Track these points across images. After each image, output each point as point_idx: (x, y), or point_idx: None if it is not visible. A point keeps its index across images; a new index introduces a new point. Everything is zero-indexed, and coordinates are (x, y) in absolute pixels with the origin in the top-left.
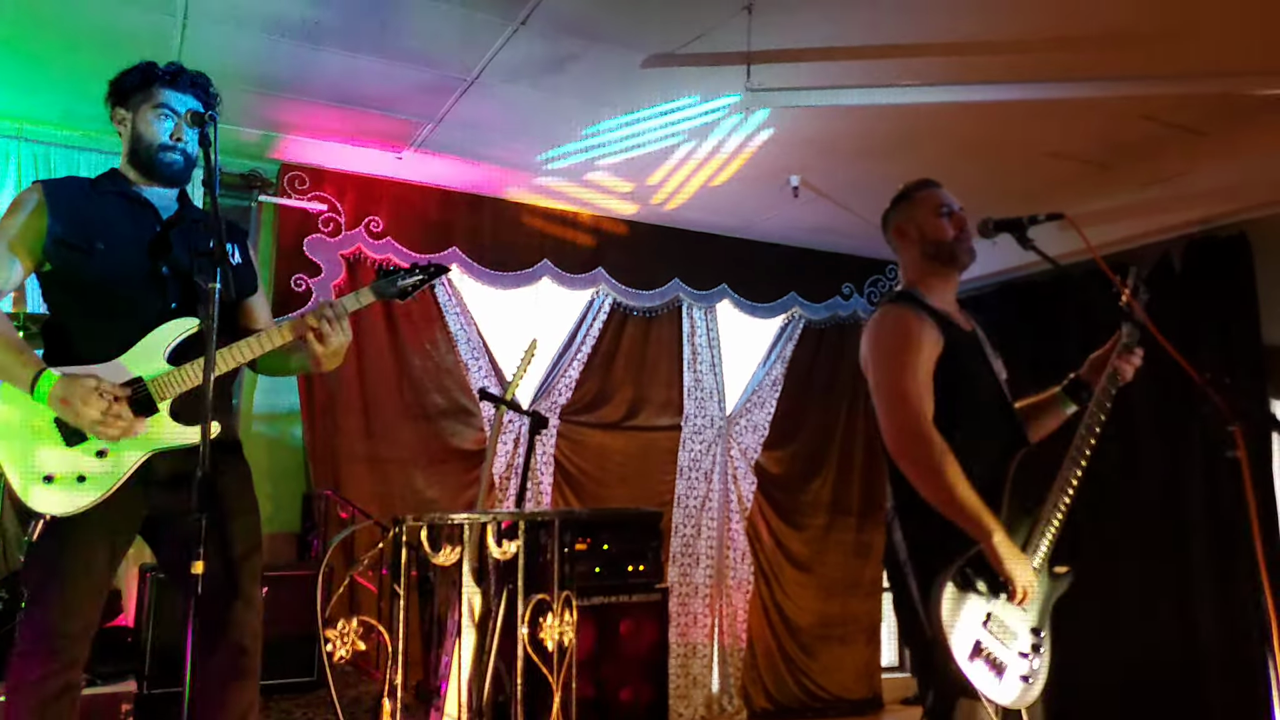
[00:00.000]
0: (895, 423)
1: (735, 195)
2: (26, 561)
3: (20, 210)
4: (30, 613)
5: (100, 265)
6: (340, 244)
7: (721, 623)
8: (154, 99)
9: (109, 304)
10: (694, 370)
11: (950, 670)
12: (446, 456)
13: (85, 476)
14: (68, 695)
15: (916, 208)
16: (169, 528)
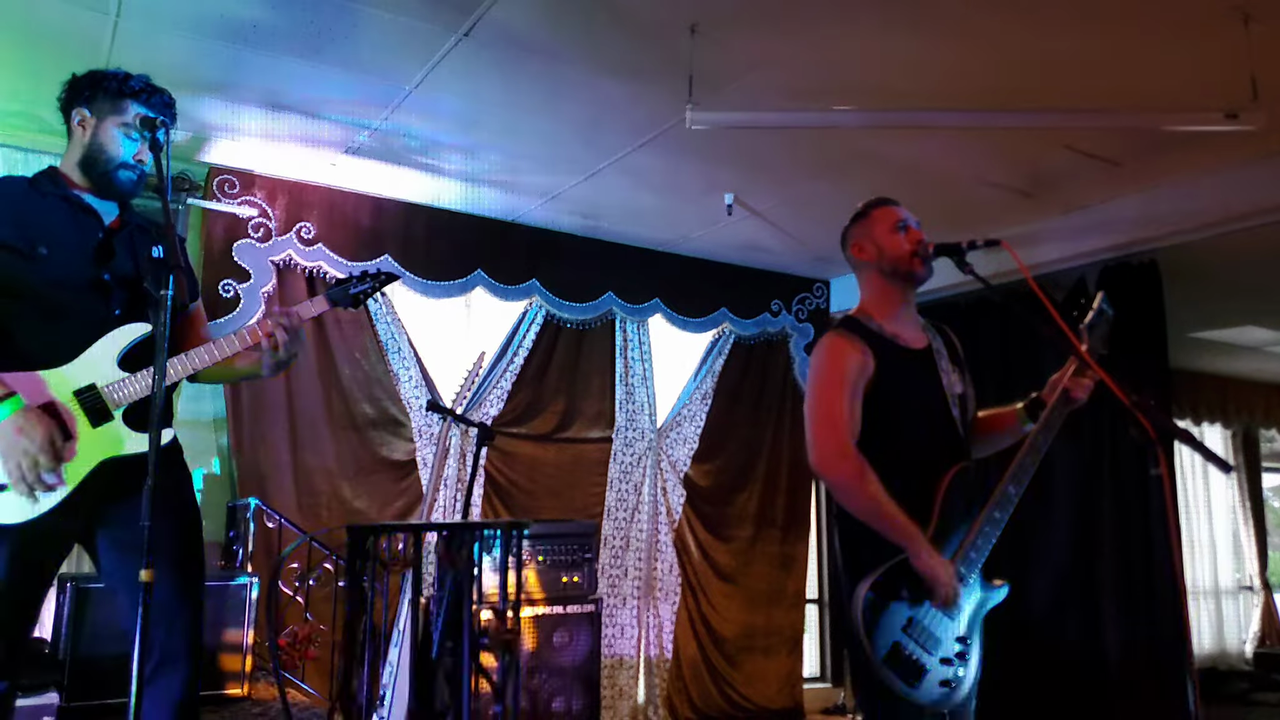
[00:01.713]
0: (816, 440)
1: (670, 211)
2: None
3: None
4: None
5: (43, 270)
6: (270, 249)
7: (648, 634)
8: (123, 113)
9: (52, 309)
10: (626, 383)
11: (870, 670)
12: (375, 467)
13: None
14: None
15: (874, 224)
16: (111, 535)
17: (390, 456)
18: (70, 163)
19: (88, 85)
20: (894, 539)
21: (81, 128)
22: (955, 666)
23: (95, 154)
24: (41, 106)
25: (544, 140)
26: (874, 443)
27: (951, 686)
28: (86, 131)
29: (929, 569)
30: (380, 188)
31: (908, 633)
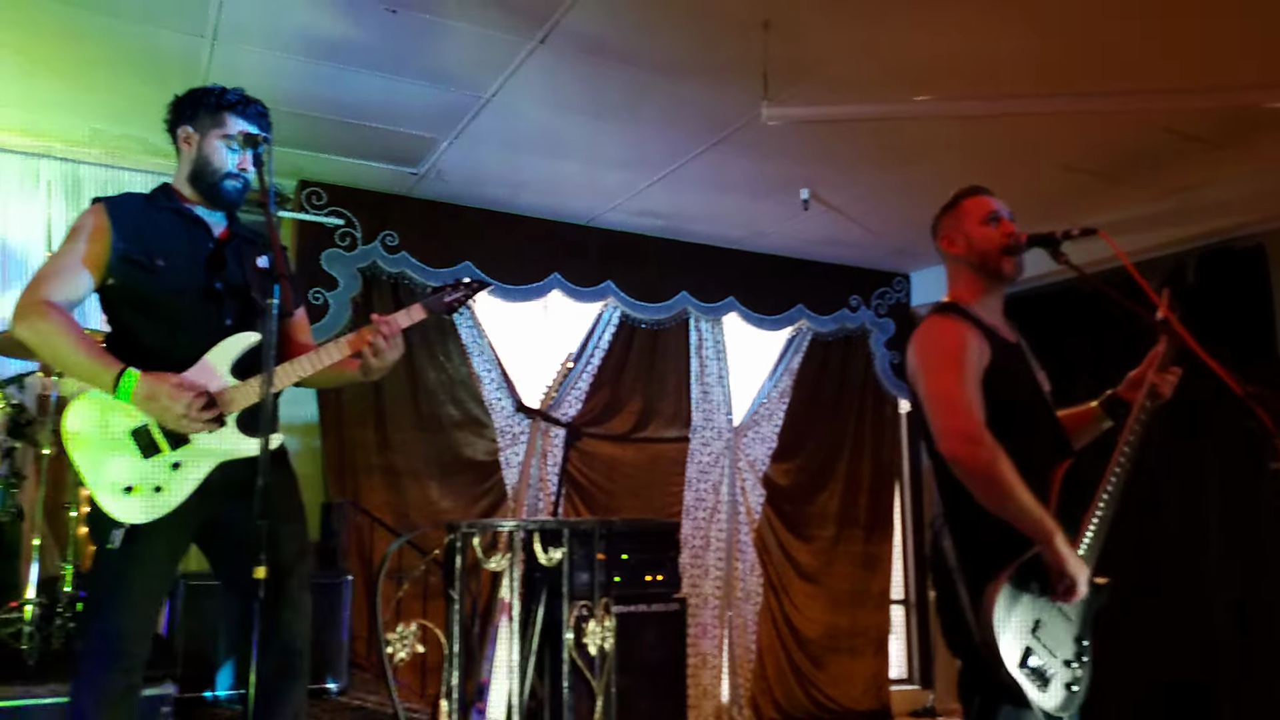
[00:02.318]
0: (950, 428)
1: (744, 208)
2: (97, 567)
3: (85, 228)
4: (99, 616)
5: (161, 281)
6: (357, 258)
7: (731, 634)
8: (224, 126)
9: (169, 318)
10: (702, 382)
11: (999, 676)
12: (460, 467)
13: (161, 486)
14: (130, 695)
15: (964, 215)
16: (226, 534)
17: (474, 457)
18: (181, 178)
19: (189, 103)
20: (1027, 529)
21: (187, 144)
22: (1076, 669)
23: (202, 167)
24: (145, 128)
25: (618, 143)
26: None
27: (1073, 690)
28: (192, 147)
29: (1065, 563)
30: (460, 196)
31: (1036, 635)
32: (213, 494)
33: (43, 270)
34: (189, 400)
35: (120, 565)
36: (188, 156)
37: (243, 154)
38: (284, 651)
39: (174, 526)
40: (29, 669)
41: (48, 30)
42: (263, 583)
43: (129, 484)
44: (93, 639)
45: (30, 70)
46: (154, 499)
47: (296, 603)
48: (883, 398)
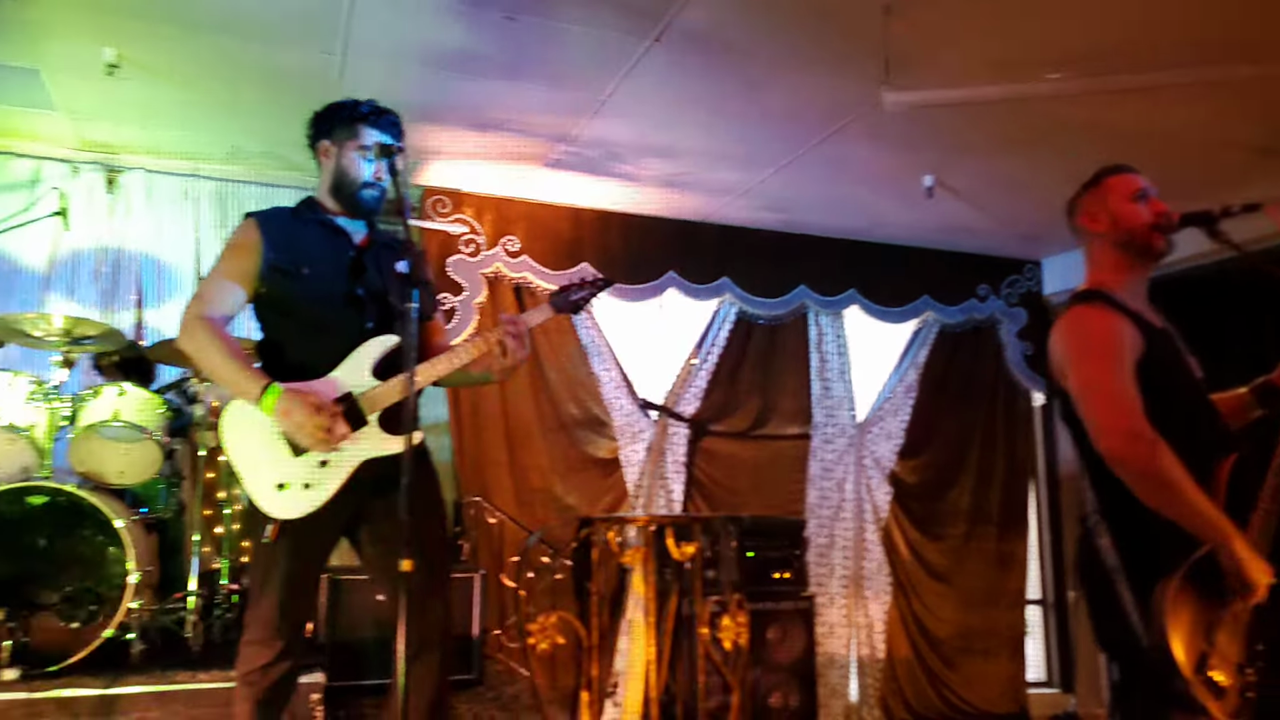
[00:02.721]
0: (1110, 425)
1: (864, 198)
2: (255, 560)
3: (238, 243)
4: (256, 607)
5: (306, 288)
6: (480, 264)
7: (859, 633)
8: (359, 138)
9: (315, 324)
10: (822, 378)
11: (1172, 684)
12: (583, 465)
13: (310, 483)
14: (287, 681)
15: (1109, 192)
16: (372, 529)
17: (596, 455)
18: (323, 190)
19: (326, 118)
20: (1199, 530)
21: (326, 157)
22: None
23: (340, 178)
24: (282, 144)
25: (734, 137)
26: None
27: (1247, 697)
28: (331, 159)
29: (1246, 566)
30: (577, 197)
31: (1210, 639)
32: (359, 490)
33: (202, 286)
34: (319, 422)
35: (274, 558)
36: (327, 169)
37: (378, 164)
38: (429, 642)
39: (323, 521)
40: (194, 656)
41: (194, 55)
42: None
43: (280, 481)
44: (251, 628)
45: (179, 94)
46: (303, 495)
47: (440, 595)
48: (1015, 390)
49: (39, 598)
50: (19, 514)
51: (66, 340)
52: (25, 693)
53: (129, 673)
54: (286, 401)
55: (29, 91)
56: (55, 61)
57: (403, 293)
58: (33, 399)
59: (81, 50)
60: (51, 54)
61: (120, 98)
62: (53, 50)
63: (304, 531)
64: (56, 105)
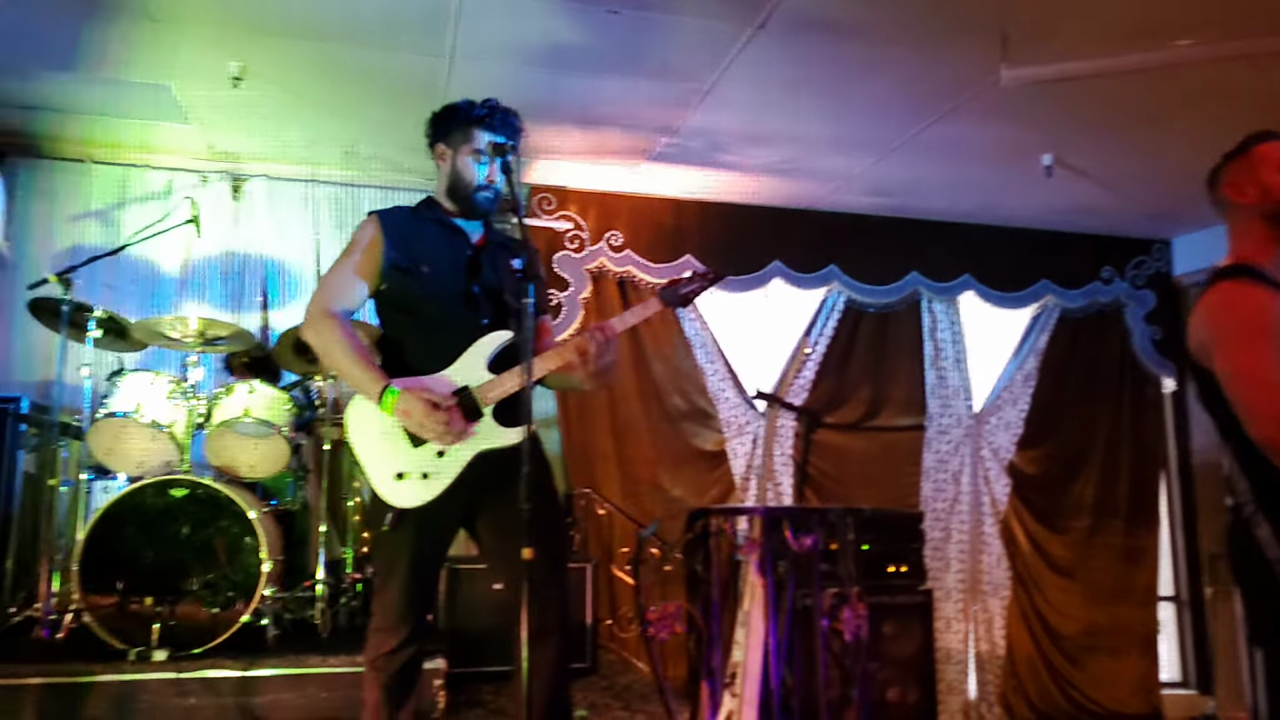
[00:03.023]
0: (1265, 411)
1: (978, 180)
2: (377, 549)
3: (361, 239)
4: (382, 594)
5: (425, 286)
6: (585, 259)
7: (977, 628)
8: (472, 141)
9: (433, 320)
10: (937, 367)
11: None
12: (689, 457)
13: (429, 474)
14: (413, 666)
15: (1259, 162)
16: (490, 519)
17: (702, 447)
18: (440, 190)
19: (442, 121)
20: None
21: (442, 159)
22: None
23: (455, 181)
24: (392, 147)
25: (840, 122)
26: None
27: None
28: (447, 162)
29: None
30: (680, 189)
31: None
32: (475, 481)
33: (325, 281)
34: (439, 418)
35: (396, 546)
36: (444, 172)
37: (491, 166)
38: (549, 629)
39: (442, 510)
40: (323, 641)
41: (310, 64)
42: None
43: (400, 471)
44: (377, 614)
45: (296, 102)
46: (422, 485)
47: (559, 583)
48: (1143, 377)
49: (182, 584)
50: (163, 505)
51: (201, 341)
52: (174, 673)
53: (265, 656)
54: (405, 401)
55: (162, 107)
56: (185, 76)
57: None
58: (172, 397)
59: (208, 64)
60: (181, 70)
61: (244, 108)
62: (182, 66)
63: (424, 520)
64: (188, 118)
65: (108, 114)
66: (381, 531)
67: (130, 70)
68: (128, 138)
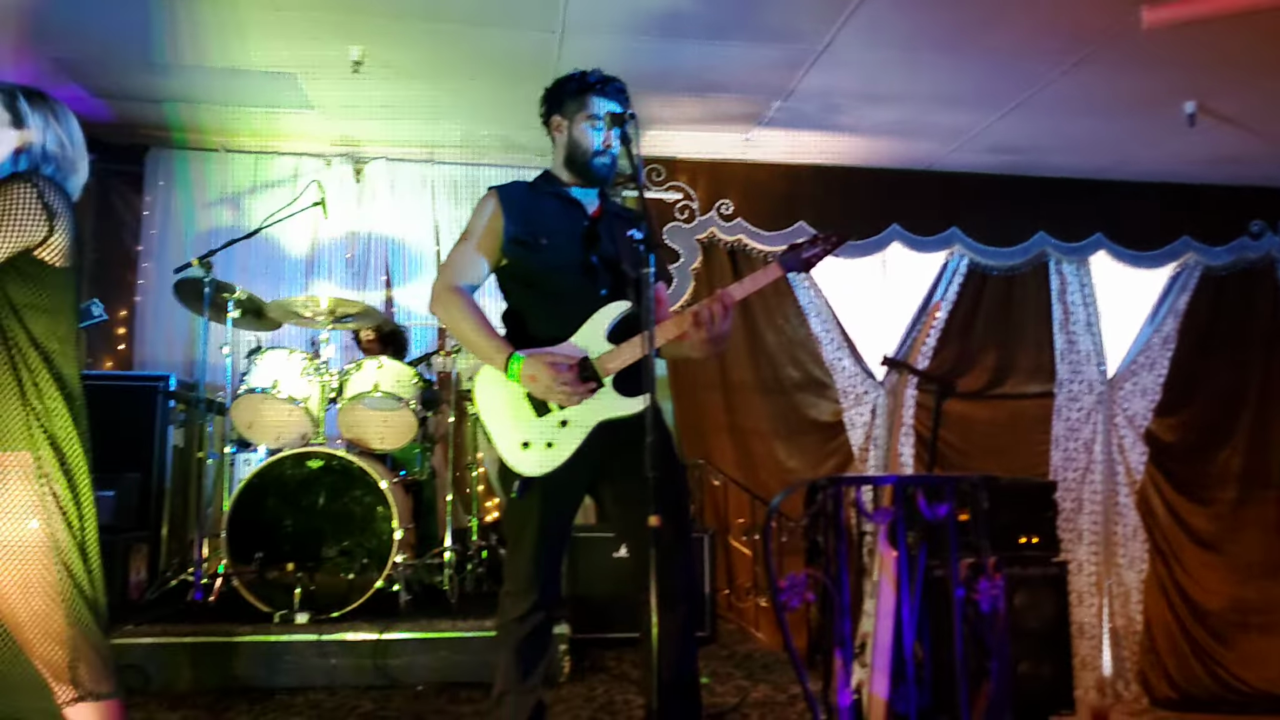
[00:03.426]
0: None
1: (1111, 133)
2: (507, 516)
3: (482, 215)
4: (512, 560)
5: (545, 258)
6: (695, 230)
7: (1112, 602)
8: (588, 108)
9: (553, 292)
10: (1066, 331)
11: None
12: (805, 428)
13: (553, 442)
14: (544, 631)
15: None
16: (614, 487)
17: (818, 418)
18: (557, 163)
19: (556, 92)
20: None
21: (559, 131)
22: None
23: (573, 150)
24: (504, 125)
25: (961, 77)
26: None
27: None
28: (563, 133)
29: None
30: (792, 155)
31: None
32: (598, 449)
33: (449, 257)
34: (563, 379)
35: (525, 513)
36: (560, 143)
37: (607, 132)
38: (675, 597)
39: (566, 478)
40: (452, 607)
41: (426, 45)
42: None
43: (526, 440)
44: (508, 580)
45: (414, 85)
46: (547, 454)
47: (684, 550)
48: None
49: (320, 551)
50: (301, 477)
51: (331, 319)
52: (315, 635)
53: (398, 620)
54: (530, 367)
55: (288, 94)
56: (308, 64)
57: (635, 259)
58: (306, 373)
59: (330, 51)
60: (305, 58)
61: (364, 92)
62: (306, 54)
63: (550, 488)
64: (312, 104)
65: (237, 104)
66: (510, 499)
67: (257, 60)
68: (256, 126)
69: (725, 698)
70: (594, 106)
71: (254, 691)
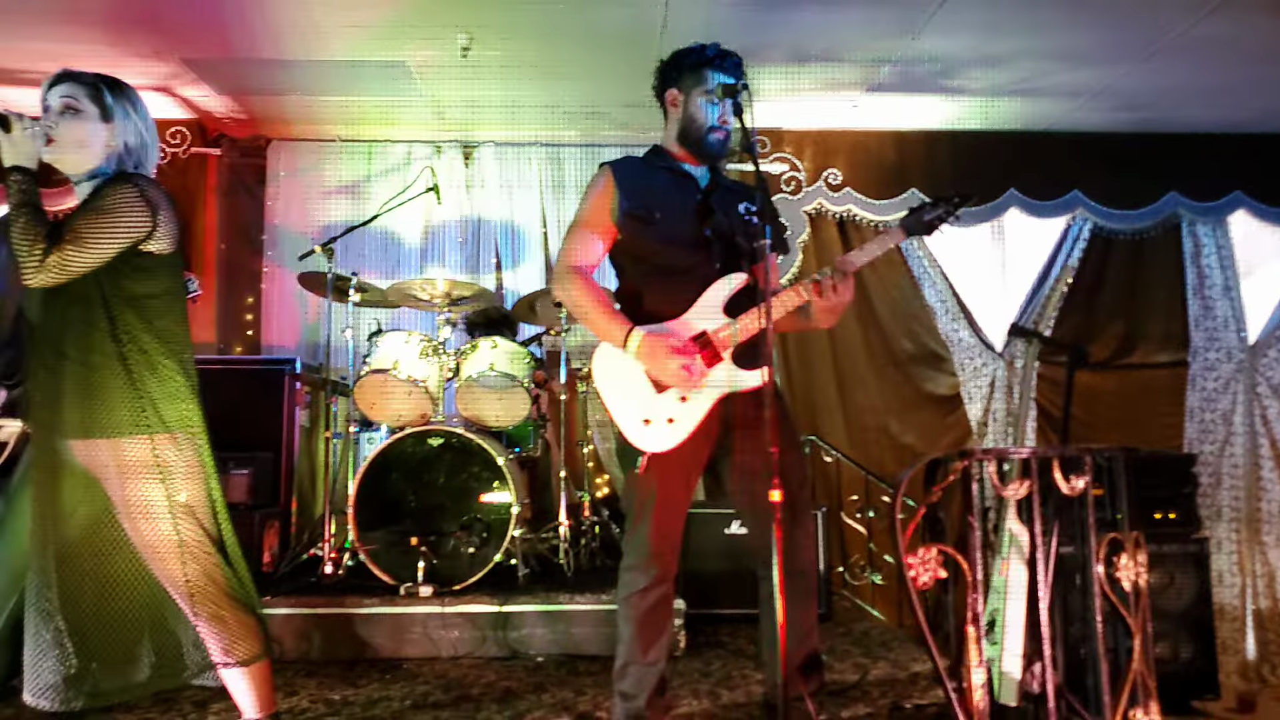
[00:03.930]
0: None
1: (1251, 82)
2: (628, 491)
3: (595, 192)
4: (633, 535)
5: (659, 233)
6: (802, 201)
7: (1255, 583)
8: (705, 83)
9: (668, 267)
10: (1201, 296)
11: None
12: (920, 402)
13: (673, 418)
14: (665, 604)
15: None
16: (733, 462)
17: (934, 391)
18: (670, 137)
19: (673, 66)
20: None
21: (674, 105)
22: None
23: (688, 125)
24: (610, 104)
25: (1084, 30)
26: None
27: None
28: (678, 107)
29: None
30: (902, 121)
31: None
32: (719, 425)
33: (568, 239)
34: (681, 361)
35: (646, 488)
36: (674, 117)
37: (722, 106)
38: (795, 573)
39: (687, 454)
40: (568, 580)
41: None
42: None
43: (646, 416)
44: (629, 554)
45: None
46: (667, 430)
47: (804, 525)
48: None
49: (442, 526)
50: (422, 454)
51: (448, 302)
52: (439, 607)
53: (517, 593)
54: (650, 345)
55: (399, 83)
56: (418, 51)
57: (748, 232)
58: (424, 355)
59: (439, 37)
60: (416, 45)
61: (472, 77)
62: (416, 42)
63: (671, 464)
64: (421, 92)
65: (352, 94)
66: (631, 475)
67: (370, 51)
68: (370, 115)
69: (844, 675)
70: (710, 81)
71: (382, 661)
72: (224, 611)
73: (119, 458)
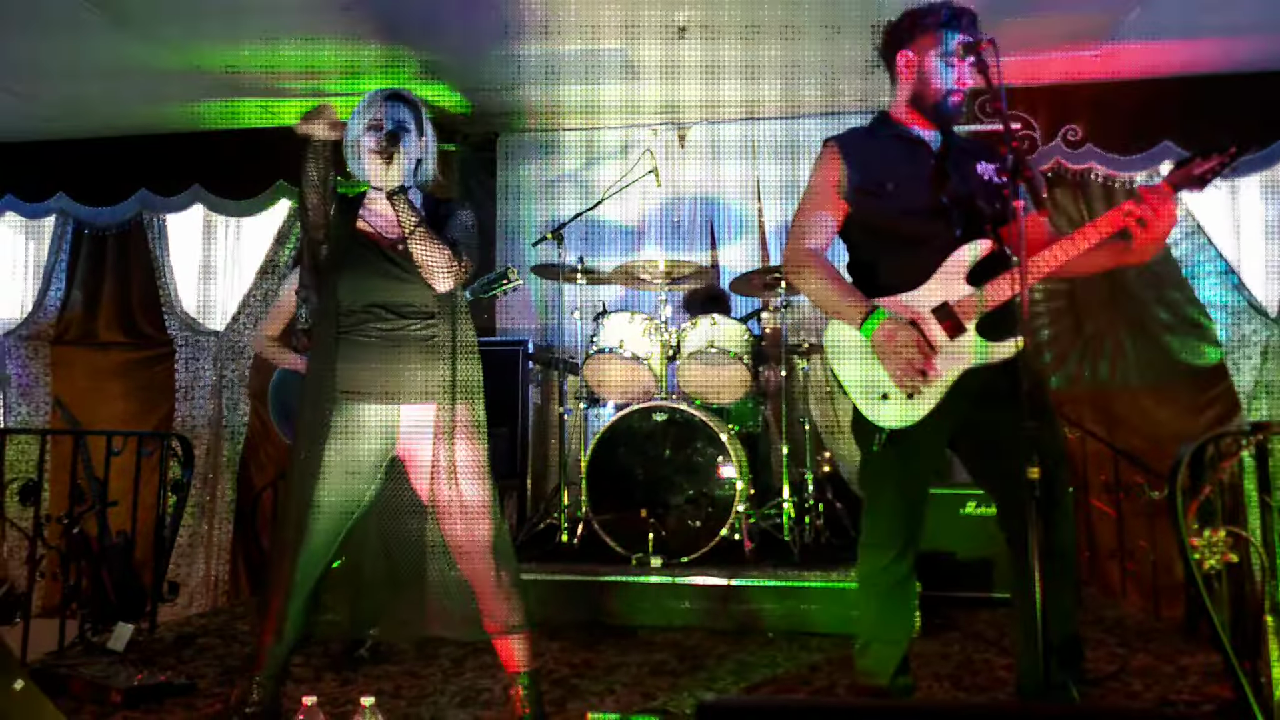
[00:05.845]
0: None
1: None
2: (866, 469)
3: (822, 169)
4: (872, 513)
5: (892, 204)
6: (1037, 160)
7: None
8: (942, 43)
9: (904, 238)
10: None
11: None
12: (1175, 374)
13: (914, 394)
14: (906, 583)
15: None
16: (985, 439)
17: (1191, 363)
18: (900, 102)
19: (905, 27)
20: None
21: (908, 67)
22: None
23: (923, 88)
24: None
25: None
26: None
27: None
28: (911, 70)
29: None
30: (1150, 68)
31: None
32: (964, 399)
33: (797, 220)
34: (909, 357)
35: (886, 466)
36: (906, 81)
37: (959, 67)
38: (1053, 554)
39: (929, 430)
40: (794, 556)
41: None
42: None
43: (885, 392)
44: (868, 531)
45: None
46: (907, 405)
47: (1062, 505)
48: None
49: (669, 499)
50: (648, 429)
51: (668, 281)
52: (669, 577)
53: (744, 567)
54: (886, 331)
55: (618, 68)
56: (635, 36)
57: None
58: (646, 333)
59: (656, 20)
60: (632, 29)
61: (687, 58)
62: (633, 26)
63: (911, 440)
64: (639, 75)
65: (572, 82)
66: (870, 452)
67: (589, 39)
68: (590, 101)
69: (1099, 664)
70: (948, 41)
71: (618, 629)
72: (505, 573)
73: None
